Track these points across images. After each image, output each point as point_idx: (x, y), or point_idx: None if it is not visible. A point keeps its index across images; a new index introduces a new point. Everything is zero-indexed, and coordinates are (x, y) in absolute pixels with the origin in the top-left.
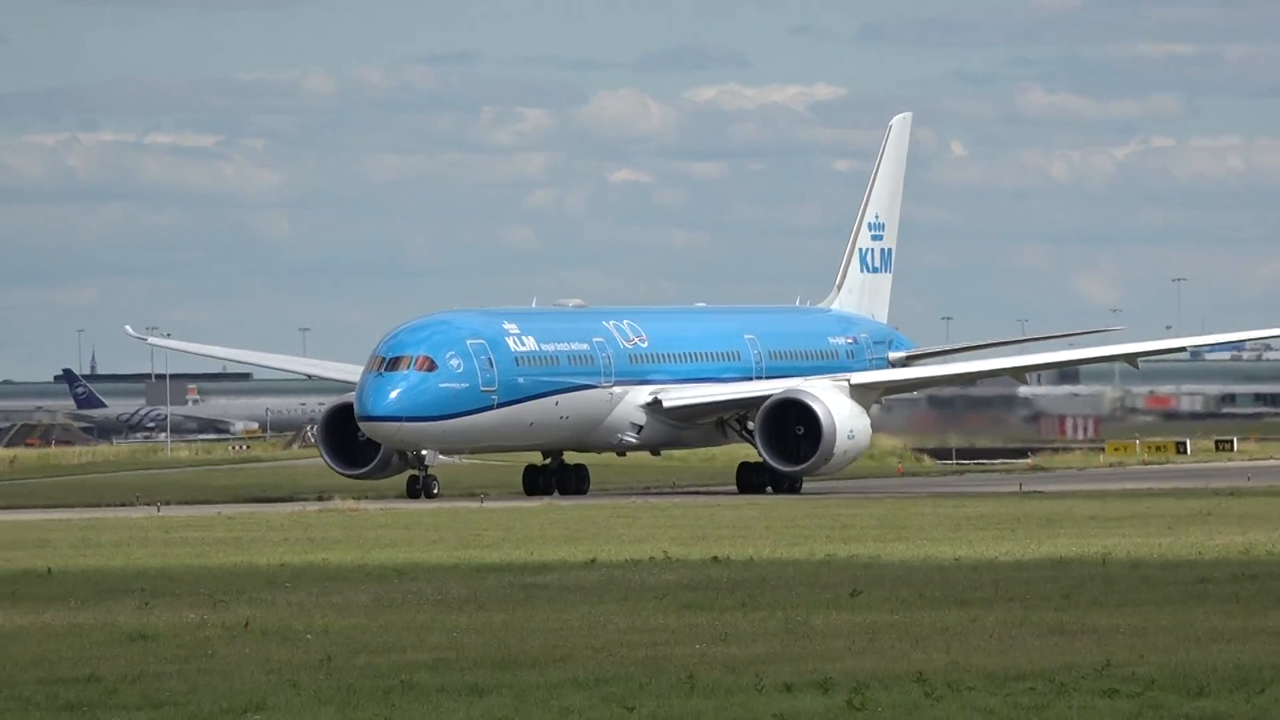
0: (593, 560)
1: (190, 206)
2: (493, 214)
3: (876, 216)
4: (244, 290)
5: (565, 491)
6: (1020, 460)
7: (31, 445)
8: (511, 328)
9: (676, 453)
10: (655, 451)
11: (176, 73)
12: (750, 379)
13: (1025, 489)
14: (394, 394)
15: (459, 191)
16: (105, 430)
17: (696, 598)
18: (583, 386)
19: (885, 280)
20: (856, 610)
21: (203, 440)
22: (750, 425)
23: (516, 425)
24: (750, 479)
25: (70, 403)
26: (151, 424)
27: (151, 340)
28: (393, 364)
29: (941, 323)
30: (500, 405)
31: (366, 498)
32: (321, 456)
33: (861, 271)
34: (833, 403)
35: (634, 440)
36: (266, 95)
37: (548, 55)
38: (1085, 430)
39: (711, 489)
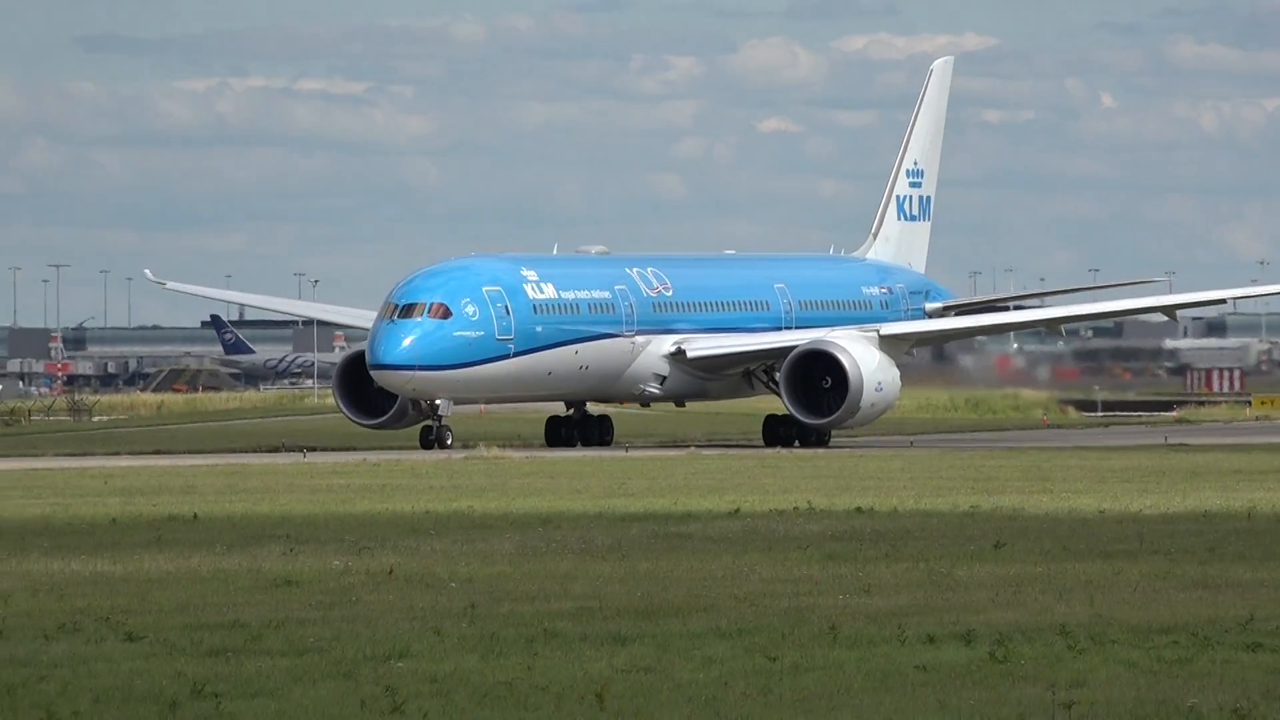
0: (737, 510)
1: (339, 153)
2: (641, 162)
3: (915, 163)
4: (391, 237)
5: (588, 443)
6: (1166, 413)
7: (179, 391)
8: (530, 274)
9: (705, 405)
10: (680, 403)
11: (327, 19)
12: (780, 329)
13: (1170, 442)
14: (407, 342)
15: (607, 139)
16: (252, 376)
17: (840, 548)
18: (604, 335)
19: (923, 229)
20: (1000, 562)
21: None
22: (777, 377)
23: (534, 375)
24: (777, 431)
25: (218, 348)
26: (299, 370)
27: (170, 285)
28: (406, 311)
29: (1089, 274)
30: (517, 354)
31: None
32: (337, 406)
33: (899, 219)
34: (860, 354)
35: (657, 391)
36: (416, 42)
37: (697, 3)
38: (1231, 383)
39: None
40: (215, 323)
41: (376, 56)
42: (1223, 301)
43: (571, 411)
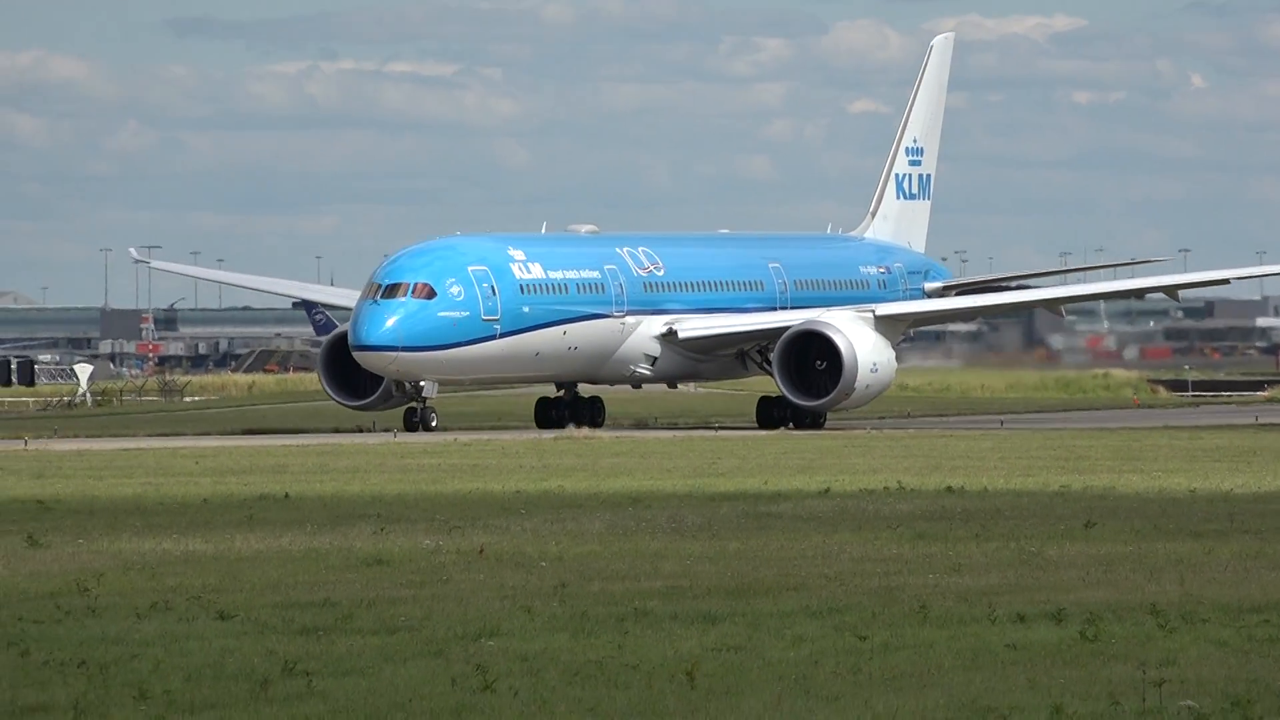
0: (827, 490)
1: (429, 135)
2: (730, 143)
3: (915, 141)
4: (480, 218)
5: (579, 424)
6: (1257, 393)
7: (270, 371)
8: (517, 254)
9: (701, 386)
10: (672, 384)
11: (417, 2)
12: (774, 310)
13: (1261, 421)
14: (390, 322)
15: (696, 121)
16: None
17: (930, 528)
18: (593, 316)
19: (923, 208)
20: (1090, 541)
21: None
22: (771, 358)
23: (521, 356)
24: (771, 413)
25: (308, 329)
26: None
27: (155, 264)
28: (390, 291)
29: (1180, 255)
30: (503, 335)
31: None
32: (322, 387)
33: (898, 198)
34: (855, 335)
35: (648, 372)
36: (505, 24)
37: None
38: None
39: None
40: (306, 304)
41: (467, 39)
42: (1226, 282)
43: (562, 393)
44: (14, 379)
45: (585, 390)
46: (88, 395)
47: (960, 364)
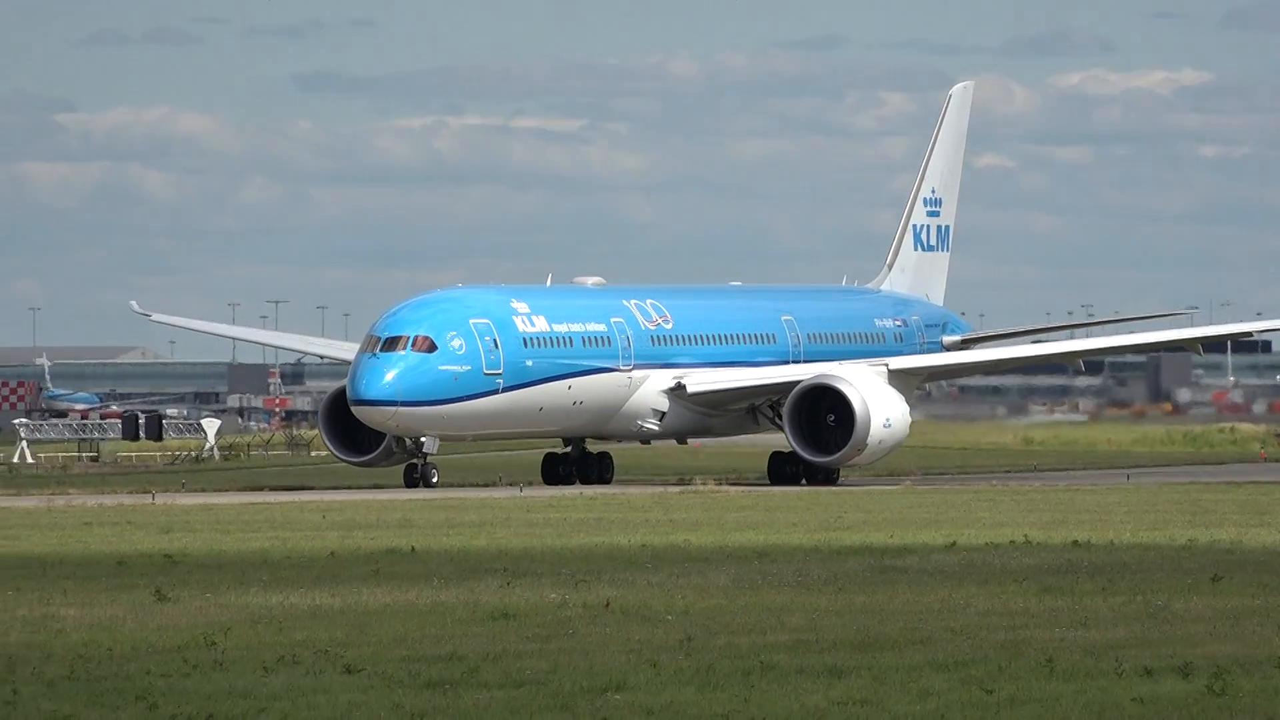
0: (953, 543)
1: (555, 189)
2: (855, 197)
3: (933, 191)
4: (607, 272)
5: (587, 481)
6: None
7: None
8: (521, 306)
9: (707, 441)
10: (681, 440)
11: (542, 57)
12: (787, 363)
13: None
14: (389, 376)
15: (822, 175)
16: None
17: (1056, 582)
18: (598, 370)
19: (942, 259)
20: (1218, 595)
21: None
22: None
23: (525, 410)
24: (783, 469)
25: None
26: None
27: (155, 317)
28: (389, 344)
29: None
30: (506, 389)
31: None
32: (324, 443)
33: (915, 249)
34: (868, 389)
35: (655, 427)
36: (631, 79)
37: (912, 39)
38: None
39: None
40: None
41: (592, 94)
42: (1249, 335)
43: (569, 449)
44: (142, 433)
45: (593, 446)
46: (215, 450)
47: (1086, 418)
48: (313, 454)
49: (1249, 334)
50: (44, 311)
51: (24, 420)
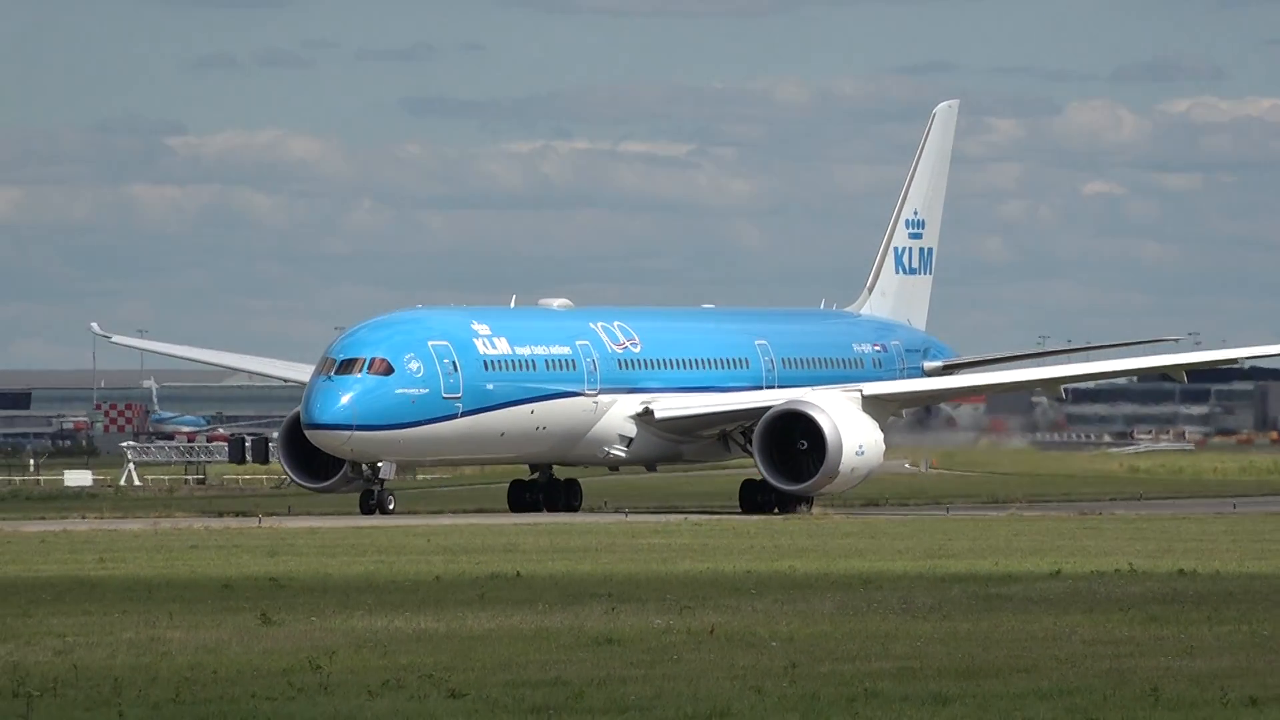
0: (1058, 571)
1: (662, 214)
2: (964, 223)
3: (915, 213)
4: (713, 296)
5: (554, 508)
6: None
7: None
8: (481, 328)
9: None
10: (651, 467)
11: (650, 82)
12: (760, 389)
13: None
14: (344, 399)
15: None
16: None
17: (1162, 610)
18: (563, 394)
19: (924, 283)
20: None
21: None
22: None
23: (485, 436)
24: (755, 498)
25: None
26: None
27: (115, 339)
28: (345, 366)
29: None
30: (465, 414)
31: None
32: (282, 468)
33: (897, 273)
34: (840, 415)
35: (622, 454)
36: (738, 104)
37: (1021, 66)
38: None
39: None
40: None
41: (699, 119)
42: (1234, 362)
43: (536, 475)
44: (248, 456)
45: (561, 473)
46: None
47: (1193, 446)
48: (418, 478)
49: (1235, 361)
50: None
51: (131, 443)
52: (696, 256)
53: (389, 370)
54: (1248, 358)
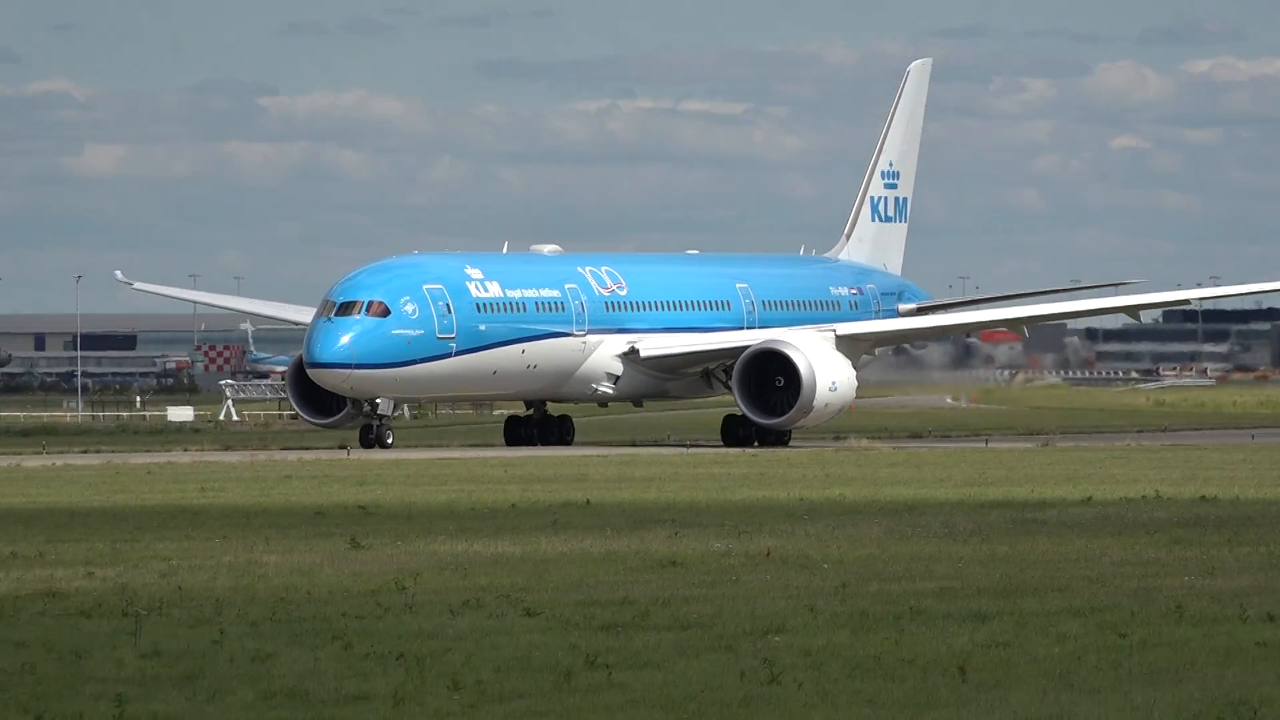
0: (1089, 498)
1: (720, 168)
2: (1001, 177)
3: (890, 164)
4: (769, 245)
5: (547, 443)
6: None
7: None
8: (474, 273)
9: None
10: (637, 403)
11: (708, 45)
12: (741, 329)
13: None
14: (344, 340)
15: (970, 155)
16: None
17: (1186, 534)
18: (553, 334)
19: (899, 230)
20: None
21: None
22: None
23: (478, 374)
24: (736, 432)
25: None
26: None
27: (137, 285)
28: (344, 309)
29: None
30: (459, 353)
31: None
32: (292, 405)
33: (873, 220)
34: (814, 354)
35: (610, 391)
36: (791, 66)
37: (1054, 29)
38: None
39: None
40: None
41: (755, 79)
42: (1186, 303)
43: (531, 411)
44: None
45: (555, 409)
46: (405, 410)
47: (1214, 382)
48: (494, 412)
49: (1187, 301)
50: (247, 280)
51: (230, 381)
52: (751, 207)
53: (386, 312)
54: (1201, 298)
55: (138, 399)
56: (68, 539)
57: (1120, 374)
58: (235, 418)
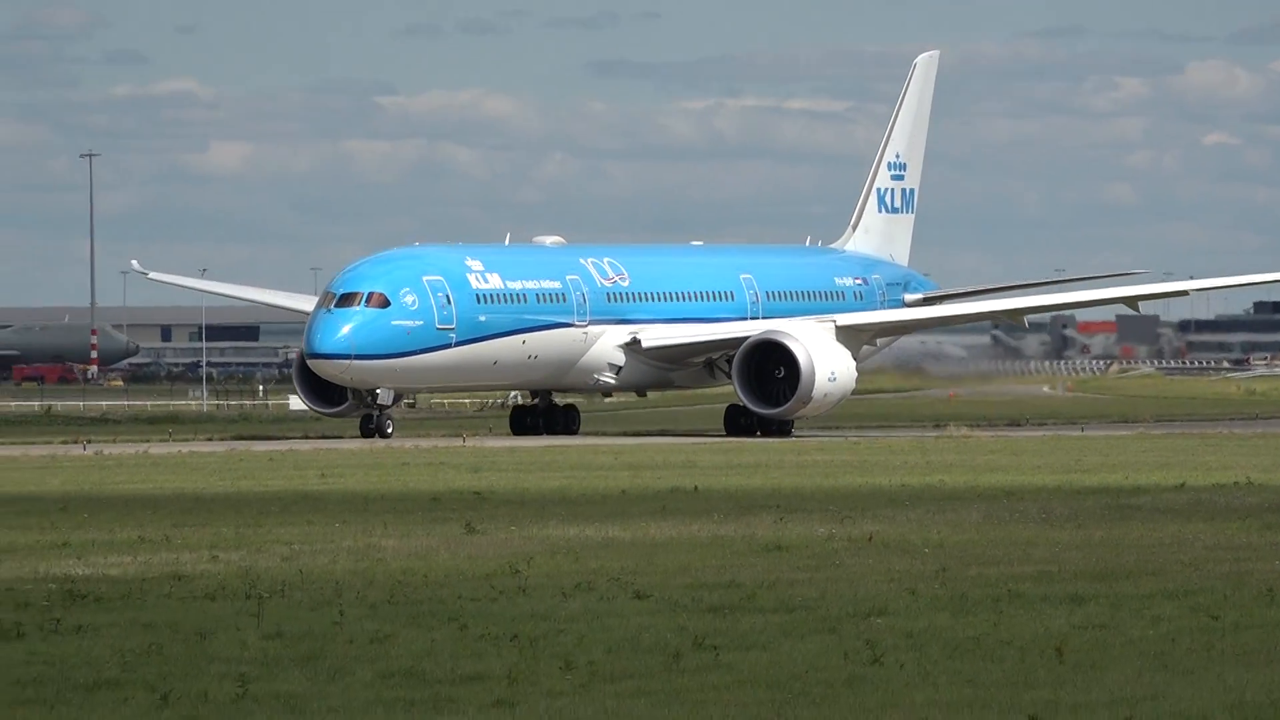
0: (1182, 484)
1: (822, 165)
2: (1095, 173)
3: (897, 156)
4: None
5: (552, 432)
6: None
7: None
8: (475, 264)
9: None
10: (641, 393)
11: (811, 45)
12: (745, 320)
13: None
14: (343, 331)
15: (1064, 153)
16: None
17: (1276, 519)
18: (554, 325)
19: (906, 221)
20: None
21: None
22: None
23: (479, 364)
24: (739, 422)
25: None
26: None
27: (152, 276)
28: (345, 300)
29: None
30: (459, 344)
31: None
32: (298, 394)
33: (880, 211)
34: (813, 344)
35: (612, 381)
36: (891, 65)
37: (1146, 29)
38: None
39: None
40: None
41: (856, 78)
42: (1184, 293)
43: (536, 401)
44: None
45: (561, 399)
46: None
47: None
48: (605, 400)
49: (1185, 293)
50: None
51: None
52: (851, 203)
53: (386, 303)
54: (1198, 290)
55: (260, 388)
56: (193, 524)
57: (1212, 363)
58: None
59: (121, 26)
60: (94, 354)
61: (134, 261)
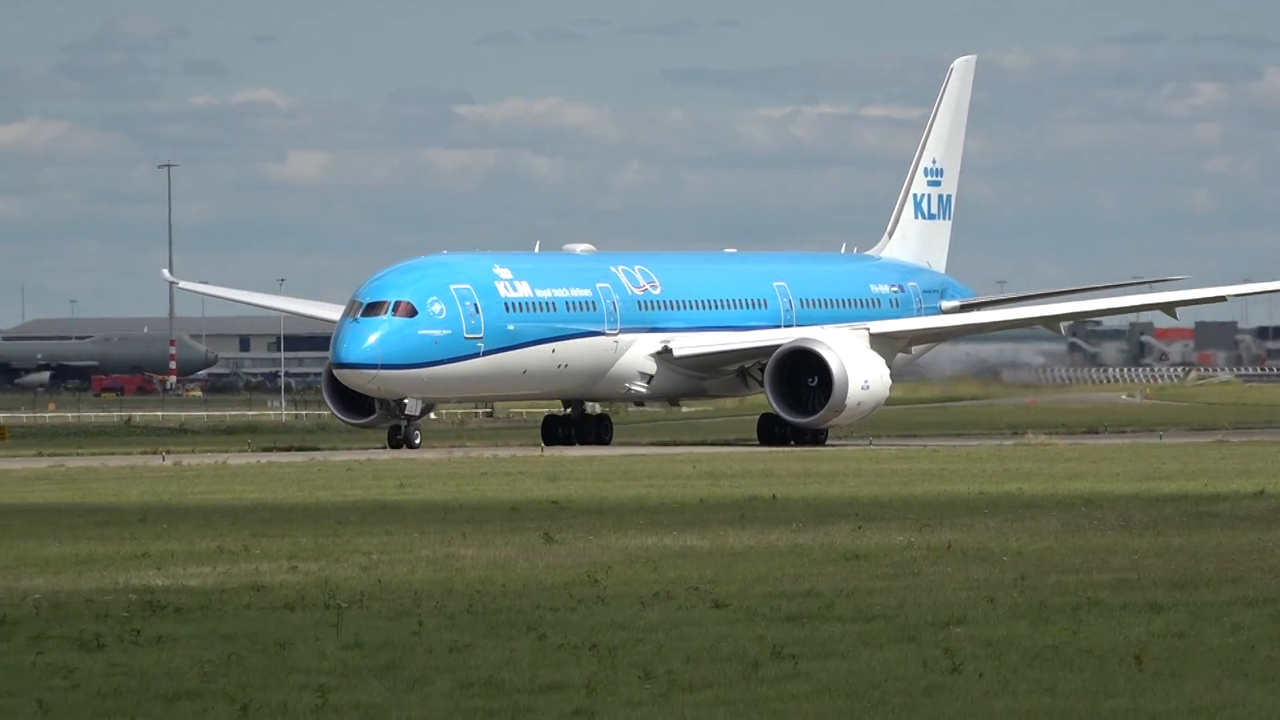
0: (1261, 491)
1: (898, 172)
2: (1173, 179)
3: (934, 161)
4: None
5: (585, 442)
6: None
7: None
8: (503, 272)
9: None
10: (674, 402)
11: (888, 53)
12: (779, 328)
13: None
14: (370, 340)
15: (1142, 158)
16: None
17: None
18: (584, 334)
19: (943, 227)
20: None
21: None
22: None
23: (508, 374)
24: (772, 430)
25: None
26: None
27: (183, 285)
28: (371, 309)
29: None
30: (488, 353)
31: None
32: (327, 404)
33: (916, 218)
34: (846, 352)
35: (644, 390)
36: None
37: (1223, 34)
38: None
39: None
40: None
41: (933, 85)
42: (1222, 299)
43: (569, 410)
44: None
45: (594, 408)
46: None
47: None
48: (683, 409)
49: (1223, 299)
50: None
51: None
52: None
53: (413, 312)
54: (1238, 295)
55: None
56: (272, 534)
57: None
58: (432, 416)
59: (200, 36)
60: (173, 364)
61: (164, 271)
